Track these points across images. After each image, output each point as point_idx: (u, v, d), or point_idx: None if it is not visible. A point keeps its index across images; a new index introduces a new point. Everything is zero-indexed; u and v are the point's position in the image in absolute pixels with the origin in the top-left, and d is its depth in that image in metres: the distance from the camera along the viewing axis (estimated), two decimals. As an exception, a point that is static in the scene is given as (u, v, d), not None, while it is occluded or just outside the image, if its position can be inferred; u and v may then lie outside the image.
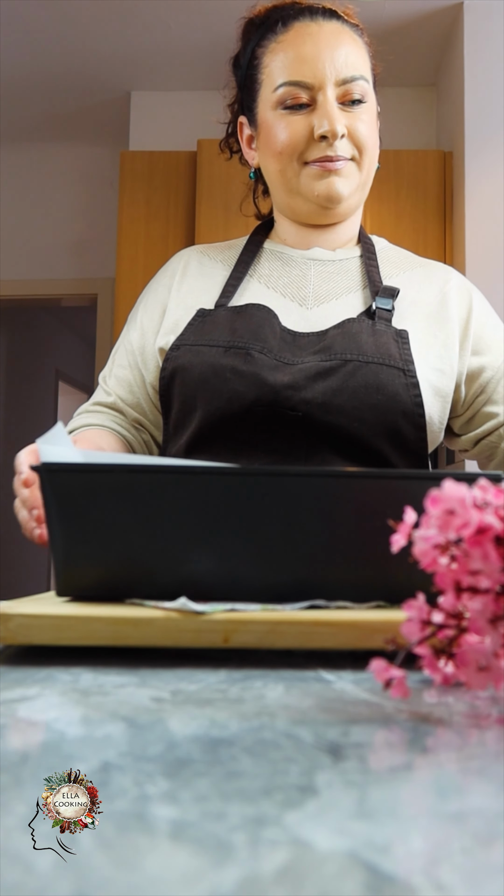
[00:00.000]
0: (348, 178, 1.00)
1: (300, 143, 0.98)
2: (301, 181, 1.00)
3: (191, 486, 0.50)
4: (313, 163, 0.98)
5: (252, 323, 0.97)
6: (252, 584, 0.50)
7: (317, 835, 0.23)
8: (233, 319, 0.98)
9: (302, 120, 0.98)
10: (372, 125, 1.02)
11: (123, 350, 1.08)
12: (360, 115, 0.99)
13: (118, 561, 0.50)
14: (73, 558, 0.51)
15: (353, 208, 1.05)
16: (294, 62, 0.98)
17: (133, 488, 0.50)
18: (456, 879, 0.20)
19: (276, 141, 0.99)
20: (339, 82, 0.97)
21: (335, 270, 1.06)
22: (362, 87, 0.99)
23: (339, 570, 0.50)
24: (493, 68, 3.06)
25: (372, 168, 1.04)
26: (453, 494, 0.36)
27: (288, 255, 1.08)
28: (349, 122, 0.98)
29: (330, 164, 0.98)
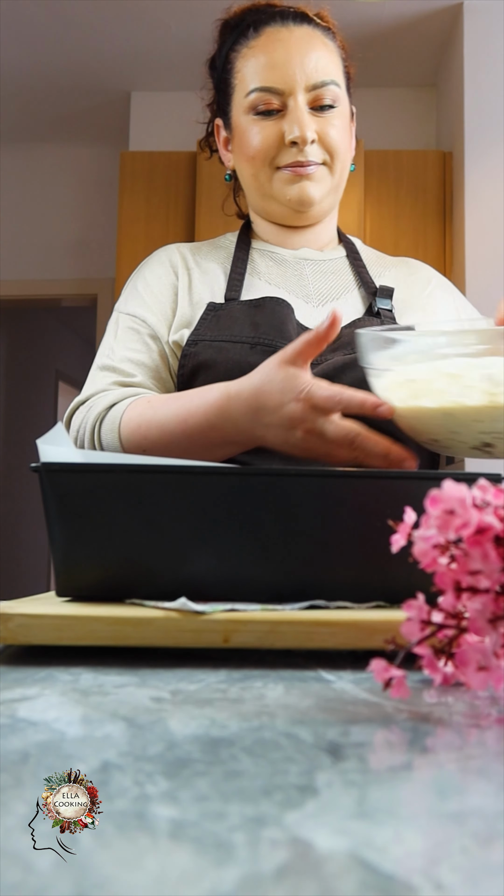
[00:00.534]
0: (320, 182, 1.01)
1: (272, 149, 0.99)
2: (274, 186, 1.01)
3: (191, 485, 0.50)
4: (285, 168, 0.99)
5: (274, 318, 0.96)
6: (252, 584, 0.50)
7: (317, 834, 0.23)
8: (252, 314, 0.97)
9: (273, 125, 0.99)
10: (343, 129, 1.03)
11: (133, 334, 1.01)
12: (331, 120, 1.01)
13: (118, 561, 0.50)
14: (73, 558, 0.51)
15: (327, 211, 1.06)
16: (265, 68, 0.99)
17: (133, 488, 0.50)
18: (456, 879, 0.20)
19: (249, 146, 1.00)
20: (309, 87, 0.99)
21: (327, 270, 1.07)
22: (333, 91, 1.00)
23: (338, 570, 0.50)
24: (493, 68, 3.06)
25: (344, 171, 1.05)
26: (453, 494, 0.36)
27: (279, 254, 1.08)
28: (320, 128, 0.99)
29: (301, 169, 0.99)
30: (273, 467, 0.50)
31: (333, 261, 1.09)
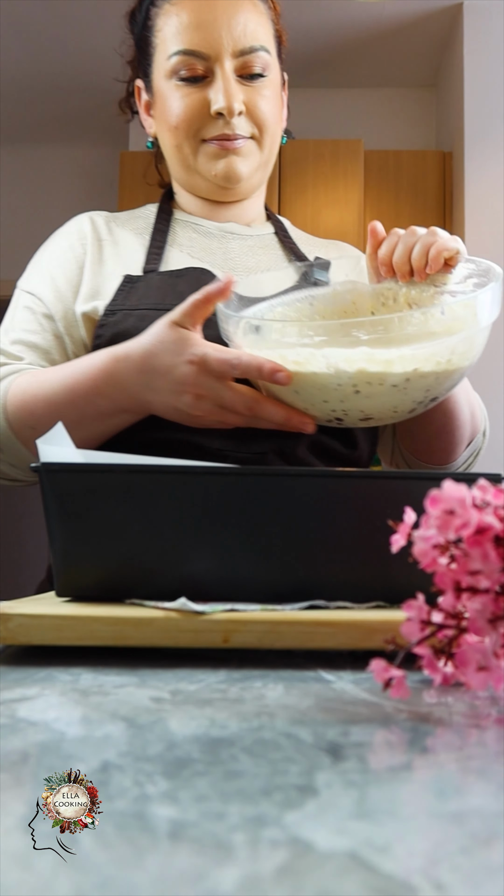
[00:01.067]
0: (248, 157, 0.94)
1: (196, 119, 0.92)
2: (198, 160, 0.94)
3: (191, 485, 0.50)
4: (210, 140, 0.92)
5: (199, 286, 0.85)
6: (252, 584, 0.50)
7: (316, 835, 0.23)
8: (173, 283, 0.90)
9: (197, 93, 0.91)
10: (274, 100, 0.95)
11: (28, 314, 0.93)
12: (260, 89, 0.93)
13: (117, 561, 0.50)
14: (72, 558, 0.51)
15: (255, 187, 1.00)
16: (188, 29, 0.90)
17: (133, 488, 0.50)
18: (455, 879, 0.20)
19: (171, 115, 0.93)
20: (236, 53, 0.90)
21: (255, 245, 1.01)
22: (263, 59, 0.92)
23: (338, 570, 0.50)
24: (493, 69, 3.06)
25: (274, 146, 0.98)
26: (453, 494, 0.36)
27: (203, 226, 1.01)
28: (248, 98, 0.92)
29: (228, 142, 0.92)
30: (273, 467, 0.51)
31: (261, 237, 1.03)
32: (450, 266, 0.77)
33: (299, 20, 3.23)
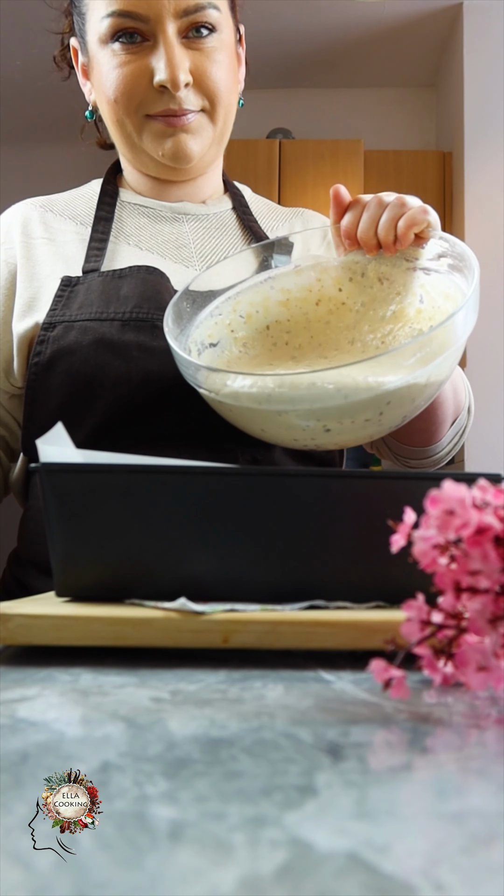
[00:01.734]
0: (198, 133, 0.83)
1: (137, 93, 0.80)
2: (143, 138, 0.84)
3: (190, 485, 0.50)
4: (156, 116, 0.81)
5: (147, 288, 0.81)
6: (252, 584, 0.50)
7: (316, 835, 0.23)
8: (117, 286, 0.82)
9: (137, 62, 0.80)
10: (227, 64, 0.83)
11: None
12: (210, 53, 0.81)
13: (117, 561, 0.50)
14: (72, 558, 0.51)
15: (210, 163, 0.90)
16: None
17: (132, 488, 0.50)
18: (455, 879, 0.20)
19: (109, 86, 0.81)
20: (180, 13, 0.78)
21: (211, 226, 0.92)
22: (212, 16, 0.80)
23: (338, 570, 0.50)
24: (493, 69, 3.06)
25: (229, 116, 0.86)
26: (453, 495, 0.36)
27: (154, 209, 0.91)
28: (196, 65, 0.80)
29: (175, 119, 0.81)
30: (272, 467, 0.51)
31: (218, 215, 0.93)
32: (422, 239, 0.72)
33: (299, 20, 3.23)
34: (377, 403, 0.61)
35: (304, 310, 0.80)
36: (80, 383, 0.78)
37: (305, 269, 0.80)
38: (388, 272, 0.77)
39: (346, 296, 0.79)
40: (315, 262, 0.80)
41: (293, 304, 0.80)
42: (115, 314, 0.80)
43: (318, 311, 0.80)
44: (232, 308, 0.79)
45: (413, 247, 0.73)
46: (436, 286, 0.73)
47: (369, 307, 0.78)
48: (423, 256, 0.74)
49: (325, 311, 0.80)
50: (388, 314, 0.77)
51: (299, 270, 0.80)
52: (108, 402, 0.78)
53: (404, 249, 0.73)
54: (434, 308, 0.73)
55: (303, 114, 3.72)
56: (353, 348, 0.77)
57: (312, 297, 0.80)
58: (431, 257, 0.74)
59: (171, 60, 0.78)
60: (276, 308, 0.80)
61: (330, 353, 0.77)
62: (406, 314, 0.76)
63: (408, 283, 0.76)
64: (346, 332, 0.79)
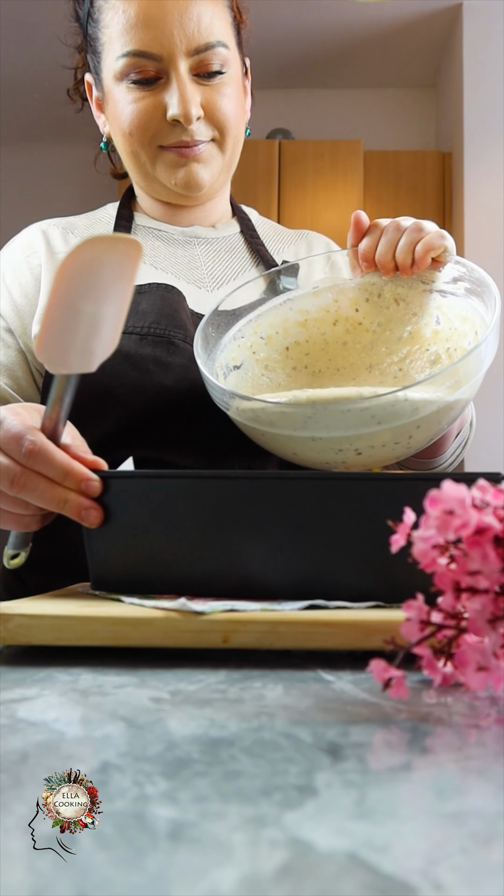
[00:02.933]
0: (209, 163, 0.88)
1: (151, 126, 0.84)
2: (157, 168, 0.88)
3: (200, 489, 0.53)
4: (169, 148, 0.86)
5: (164, 305, 0.85)
6: (257, 582, 0.51)
7: (316, 835, 0.23)
8: (136, 301, 0.85)
9: (151, 98, 0.84)
10: (235, 97, 0.87)
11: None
12: (219, 88, 0.85)
13: (139, 558, 0.54)
14: (103, 556, 0.55)
15: (219, 189, 0.94)
16: (136, 27, 0.82)
17: (151, 492, 0.53)
18: (455, 879, 0.20)
19: (124, 121, 0.86)
20: (191, 52, 0.82)
21: (221, 248, 0.96)
22: (221, 55, 0.84)
23: (341, 570, 0.51)
24: (493, 69, 3.06)
25: (237, 145, 0.91)
26: (452, 495, 0.36)
27: (167, 232, 0.95)
28: (207, 99, 0.84)
29: (187, 150, 0.85)
30: (276, 472, 0.53)
31: (227, 238, 0.97)
32: (439, 263, 0.75)
33: (299, 20, 3.23)
34: (409, 428, 0.63)
35: (321, 330, 0.83)
36: (96, 391, 0.80)
37: (323, 291, 0.83)
38: (405, 293, 0.79)
39: (362, 316, 0.82)
40: (332, 283, 0.82)
41: (311, 325, 0.83)
42: (133, 328, 0.83)
43: (335, 331, 0.83)
44: (253, 330, 0.81)
45: (429, 270, 0.75)
46: (453, 308, 0.75)
47: (386, 327, 0.80)
48: (440, 279, 0.76)
49: (342, 331, 0.82)
50: (404, 335, 0.79)
51: (317, 292, 0.83)
52: (122, 411, 0.81)
53: (421, 272, 0.76)
54: (451, 329, 0.75)
55: (302, 114, 3.72)
56: (370, 376, 0.79)
57: (330, 318, 0.83)
58: (447, 280, 0.76)
59: (183, 96, 0.82)
60: (295, 329, 0.83)
61: (348, 382, 0.79)
62: (422, 335, 0.77)
63: (424, 305, 0.78)
64: (364, 354, 0.81)
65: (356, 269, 0.81)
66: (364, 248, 0.77)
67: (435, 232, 0.73)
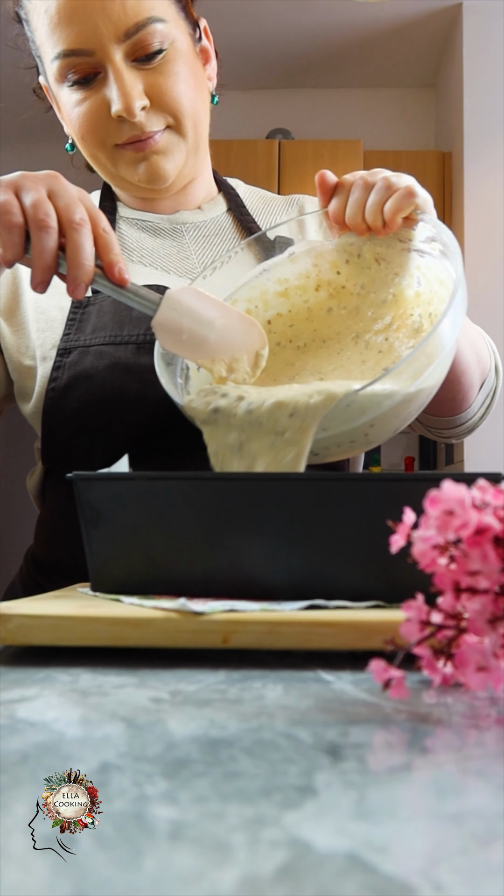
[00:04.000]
0: (170, 151, 0.81)
1: (100, 127, 0.79)
2: (118, 167, 0.83)
3: (200, 490, 0.53)
4: (124, 145, 0.80)
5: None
6: (258, 583, 0.51)
7: (316, 835, 0.23)
8: (129, 307, 0.79)
9: (94, 97, 0.78)
10: (186, 74, 0.80)
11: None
12: (163, 68, 0.78)
13: (139, 559, 0.54)
14: (102, 557, 0.54)
15: (190, 174, 0.88)
16: (60, 26, 0.76)
17: (151, 493, 0.53)
18: (455, 880, 0.20)
19: (74, 125, 0.82)
20: (122, 37, 0.75)
21: (210, 232, 0.92)
22: (158, 31, 0.76)
23: (341, 570, 0.51)
24: (492, 69, 3.06)
25: (198, 124, 0.83)
26: (452, 495, 0.36)
27: (153, 223, 0.91)
28: (150, 84, 0.78)
29: (142, 143, 0.79)
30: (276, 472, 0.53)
31: (216, 219, 0.93)
32: (412, 221, 0.70)
33: (299, 20, 3.23)
34: (361, 429, 0.60)
35: (304, 297, 0.78)
36: (98, 407, 0.79)
37: (300, 256, 0.78)
38: (384, 252, 0.75)
39: (345, 278, 0.78)
40: (309, 247, 0.78)
41: (292, 294, 0.78)
42: (128, 337, 0.81)
43: (318, 297, 0.78)
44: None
45: (404, 228, 0.71)
46: (431, 269, 0.72)
47: (370, 289, 0.76)
48: (416, 238, 0.72)
49: (325, 297, 0.78)
50: (388, 297, 0.75)
51: (294, 258, 0.78)
52: (127, 424, 0.79)
53: (397, 231, 0.72)
54: (431, 293, 0.71)
55: (302, 114, 3.72)
56: (356, 347, 0.75)
57: (311, 284, 0.78)
58: (423, 240, 0.72)
59: (121, 89, 0.76)
60: (276, 300, 0.79)
61: (333, 357, 0.76)
62: (405, 297, 0.74)
63: (404, 264, 0.74)
64: (350, 320, 0.77)
65: (333, 229, 0.77)
66: (333, 209, 0.73)
67: (404, 188, 0.68)
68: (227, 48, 1.13)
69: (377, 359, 0.73)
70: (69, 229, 0.60)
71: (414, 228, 0.72)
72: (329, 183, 0.74)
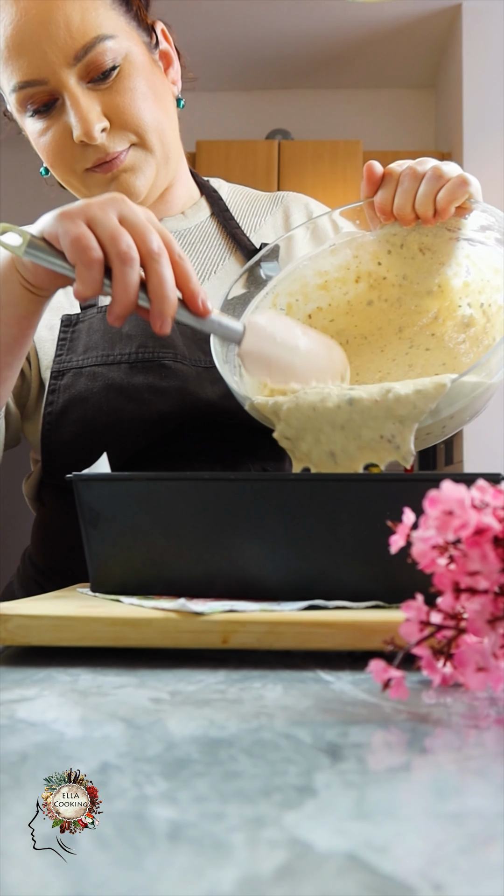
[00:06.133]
0: (138, 168, 0.80)
1: (66, 154, 0.79)
2: (91, 190, 0.81)
3: (199, 491, 0.53)
4: (92, 168, 0.79)
5: (148, 325, 0.78)
6: (259, 584, 0.51)
7: (315, 835, 0.23)
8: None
9: (55, 125, 0.78)
10: (143, 87, 0.78)
11: None
12: (119, 84, 0.76)
13: (139, 559, 0.54)
14: (102, 557, 0.54)
15: (167, 181, 0.86)
16: (10, 59, 0.75)
17: (150, 494, 0.53)
18: (454, 880, 0.20)
19: (42, 154, 0.82)
20: (72, 61, 0.74)
21: (195, 240, 0.91)
22: (109, 48, 0.75)
23: (341, 571, 0.51)
24: (492, 69, 3.06)
25: (164, 135, 0.81)
26: (452, 495, 0.36)
27: None
28: (108, 104, 0.76)
29: (109, 165, 0.78)
30: (276, 473, 0.53)
31: (199, 226, 0.91)
32: (464, 210, 0.69)
33: (299, 21, 3.23)
34: (441, 422, 0.60)
35: (343, 290, 0.77)
36: (96, 430, 0.79)
37: (341, 248, 0.77)
38: (430, 242, 0.72)
39: (386, 269, 0.76)
40: (350, 237, 0.76)
41: (332, 286, 0.77)
42: (120, 356, 0.80)
43: (358, 289, 0.77)
44: (272, 302, 0.76)
45: (454, 217, 0.70)
46: (483, 258, 0.69)
47: (412, 280, 0.74)
48: (467, 227, 0.71)
49: (365, 289, 0.76)
50: (433, 288, 0.73)
51: (335, 249, 0.77)
52: (126, 443, 0.79)
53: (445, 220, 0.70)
54: (483, 282, 0.69)
55: (302, 115, 3.72)
56: (400, 344, 0.73)
57: (351, 276, 0.77)
58: (475, 228, 0.70)
59: (78, 114, 0.75)
60: (316, 293, 0.77)
61: (376, 354, 0.74)
62: (451, 287, 0.72)
63: (451, 253, 0.72)
64: (391, 313, 0.75)
65: (374, 220, 0.75)
66: (380, 200, 0.72)
67: (456, 177, 0.67)
68: (227, 48, 1.13)
69: (426, 358, 0.71)
70: (149, 260, 0.57)
71: (466, 217, 0.70)
72: (377, 174, 0.72)
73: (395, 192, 0.71)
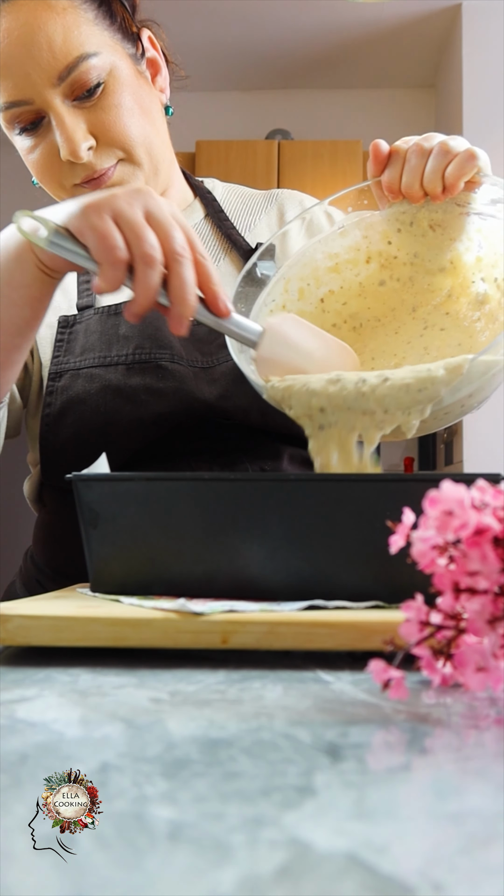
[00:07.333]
0: (127, 184, 0.80)
1: (54, 172, 0.79)
2: None
3: (199, 491, 0.53)
4: (82, 184, 0.79)
5: (145, 326, 0.81)
6: (259, 584, 0.51)
7: (315, 835, 0.23)
8: (115, 325, 0.82)
9: (43, 143, 0.78)
10: (129, 102, 0.78)
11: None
12: (104, 101, 0.76)
13: (138, 559, 0.54)
14: (102, 558, 0.54)
15: (158, 191, 0.85)
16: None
17: (150, 494, 0.53)
18: (454, 880, 0.20)
19: (31, 170, 0.82)
20: (56, 80, 0.74)
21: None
22: (93, 66, 0.75)
23: (341, 571, 0.51)
24: (492, 69, 3.06)
25: (152, 148, 0.81)
26: (452, 495, 0.36)
27: None
28: (93, 122, 0.76)
29: (97, 181, 0.78)
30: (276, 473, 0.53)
31: (194, 227, 0.91)
32: (474, 184, 0.68)
33: (298, 21, 3.23)
34: (461, 400, 0.59)
35: (355, 272, 0.76)
36: (94, 432, 0.79)
37: (349, 229, 0.76)
38: (440, 218, 0.72)
39: (396, 248, 0.75)
40: (359, 218, 0.76)
41: (343, 268, 0.76)
42: (117, 358, 0.80)
43: (369, 269, 0.76)
44: (283, 289, 0.76)
45: (464, 192, 0.69)
46: (495, 232, 0.68)
47: (424, 258, 0.73)
48: (477, 201, 0.70)
49: (377, 269, 0.76)
50: (446, 265, 0.72)
51: (344, 231, 0.76)
52: (124, 445, 0.79)
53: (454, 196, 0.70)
54: (496, 256, 0.68)
55: (302, 115, 3.72)
56: (414, 325, 0.72)
57: (361, 256, 0.76)
58: (486, 202, 0.69)
59: (64, 134, 0.75)
60: (327, 276, 0.77)
61: (391, 337, 0.73)
62: (464, 263, 0.71)
63: (462, 228, 0.71)
64: (404, 292, 0.74)
65: (383, 199, 0.75)
66: (388, 179, 0.72)
67: (464, 152, 0.67)
68: (227, 48, 1.13)
69: (442, 339, 0.70)
70: (172, 261, 0.57)
71: (475, 191, 0.69)
72: (383, 153, 0.72)
73: (403, 170, 0.71)
